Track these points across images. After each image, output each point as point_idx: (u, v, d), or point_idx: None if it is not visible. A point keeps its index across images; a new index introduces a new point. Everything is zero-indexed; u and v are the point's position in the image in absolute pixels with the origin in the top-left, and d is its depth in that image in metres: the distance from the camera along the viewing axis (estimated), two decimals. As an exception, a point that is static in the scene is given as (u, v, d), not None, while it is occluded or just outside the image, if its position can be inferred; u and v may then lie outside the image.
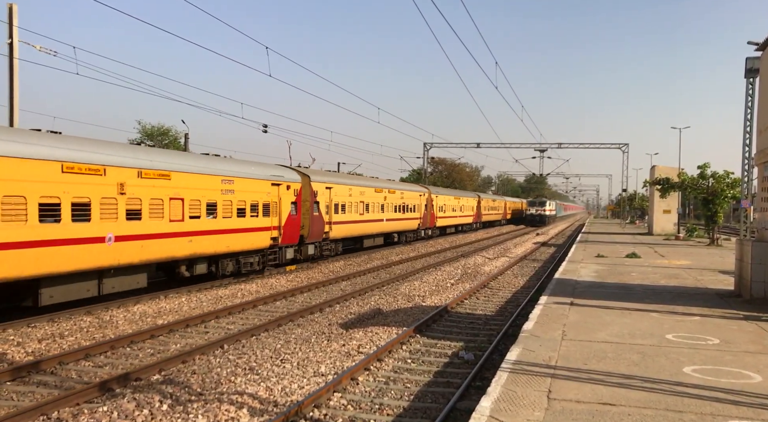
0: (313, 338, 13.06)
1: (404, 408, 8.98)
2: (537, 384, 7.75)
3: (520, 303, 18.11)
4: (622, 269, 22.51)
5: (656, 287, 17.61)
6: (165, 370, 10.45)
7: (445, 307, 16.73)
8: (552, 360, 8.96)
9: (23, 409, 8.08)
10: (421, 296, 19.20)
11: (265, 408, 8.67)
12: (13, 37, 16.28)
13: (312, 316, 15.65)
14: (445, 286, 21.76)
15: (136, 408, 8.38)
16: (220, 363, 10.86)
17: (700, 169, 38.64)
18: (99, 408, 8.34)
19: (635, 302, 14.49)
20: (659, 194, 43.20)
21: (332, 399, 9.15)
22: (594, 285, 17.71)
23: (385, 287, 21.12)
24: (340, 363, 11.08)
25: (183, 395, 9.02)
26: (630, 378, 8.10)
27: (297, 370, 10.54)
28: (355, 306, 17.09)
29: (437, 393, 9.67)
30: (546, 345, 9.96)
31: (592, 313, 12.99)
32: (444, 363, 11.57)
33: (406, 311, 16.40)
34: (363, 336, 13.27)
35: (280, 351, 11.84)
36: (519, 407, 6.89)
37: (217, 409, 8.35)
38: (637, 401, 7.13)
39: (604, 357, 9.22)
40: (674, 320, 12.40)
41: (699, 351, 9.70)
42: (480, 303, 18.67)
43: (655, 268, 23.07)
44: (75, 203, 14.26)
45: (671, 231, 49.91)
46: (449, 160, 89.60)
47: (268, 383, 9.71)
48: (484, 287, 21.82)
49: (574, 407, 6.91)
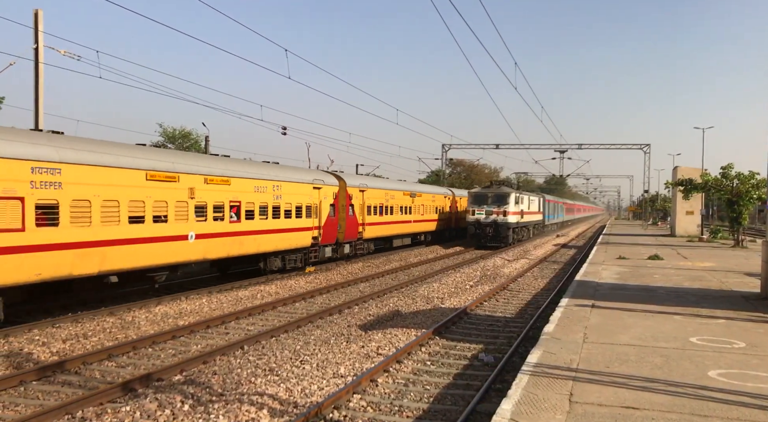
0: (333, 339, 13.08)
1: (424, 410, 8.95)
2: (558, 387, 7.68)
3: (540, 306, 17.96)
4: (644, 271, 22.22)
5: (679, 289, 17.35)
6: (186, 371, 10.54)
7: (465, 309, 16.66)
8: (573, 363, 8.87)
9: (49, 408, 8.21)
10: (439, 298, 19.14)
11: (285, 409, 8.70)
12: (39, 42, 16.58)
13: (331, 317, 15.68)
14: (464, 288, 21.67)
15: (158, 408, 8.47)
16: (241, 364, 10.93)
17: (723, 170, 38.01)
18: (122, 408, 8.44)
19: (658, 305, 14.28)
20: (682, 195, 42.57)
21: (352, 401, 9.15)
22: (616, 287, 17.50)
23: (403, 288, 21.09)
24: (360, 365, 11.08)
25: (204, 395, 9.09)
26: (653, 381, 7.99)
27: (316, 371, 10.56)
28: (374, 308, 17.09)
29: (457, 396, 9.62)
30: (567, 347, 9.86)
31: (614, 315, 12.84)
32: (464, 365, 11.51)
33: (425, 313, 16.36)
34: (382, 337, 13.26)
35: (300, 352, 11.88)
36: (540, 410, 6.82)
37: (237, 410, 8.40)
38: (661, 405, 7.02)
39: (626, 360, 9.10)
40: (698, 323, 12.20)
41: (724, 355, 9.53)
42: (500, 305, 18.55)
43: (678, 270, 22.72)
44: (155, 206, 16.13)
45: (694, 233, 49.15)
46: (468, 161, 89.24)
47: (287, 384, 9.75)
48: (503, 290, 21.68)
49: (596, 410, 6.82)
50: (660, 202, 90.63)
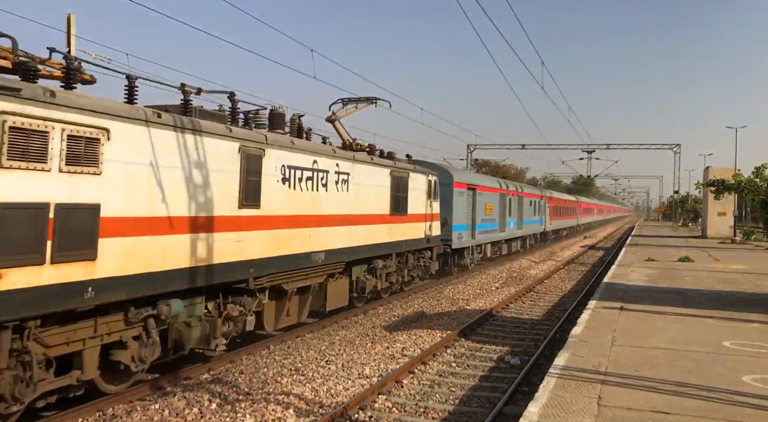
0: (357, 340, 13.10)
1: (449, 412, 8.90)
2: (586, 390, 7.57)
3: (567, 308, 17.74)
4: (674, 273, 21.79)
5: (711, 292, 16.97)
6: (213, 370, 10.66)
7: (490, 311, 16.54)
8: (602, 366, 8.73)
9: (80, 406, 8.36)
10: (465, 299, 19.03)
11: (311, 408, 8.74)
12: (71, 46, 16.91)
13: (355, 318, 15.71)
14: (489, 289, 21.52)
15: (186, 407, 8.58)
16: (267, 364, 11.01)
17: (756, 170, 37.11)
18: (151, 406, 8.57)
19: (689, 308, 13.99)
20: (713, 196, 41.65)
21: (377, 402, 9.15)
22: (645, 290, 17.19)
23: (428, 290, 21.03)
24: (385, 366, 11.07)
25: (231, 394, 9.17)
26: (685, 385, 7.82)
27: (342, 372, 10.59)
28: (399, 309, 17.07)
29: (483, 398, 9.56)
30: (595, 350, 9.71)
31: (643, 318, 12.61)
32: (489, 367, 11.43)
33: (450, 315, 16.29)
34: (407, 338, 13.24)
35: (325, 352, 11.92)
36: (568, 413, 6.73)
37: (264, 409, 8.47)
38: (693, 410, 6.87)
39: (656, 364, 8.92)
40: (731, 326, 11.92)
41: (759, 360, 9.29)
42: (526, 307, 18.38)
43: (710, 272, 22.23)
44: None
45: (727, 234, 48.02)
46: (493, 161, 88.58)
47: (313, 384, 9.79)
48: (530, 291, 21.47)
49: (625, 414, 6.71)
50: (690, 203, 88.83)
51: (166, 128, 8.92)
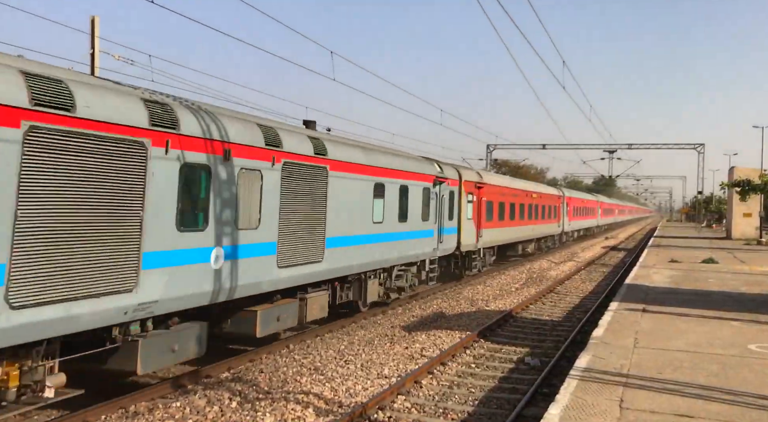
0: (376, 340, 13.10)
1: (469, 413, 8.86)
2: (608, 393, 7.48)
3: (588, 309, 17.55)
4: (698, 275, 21.44)
5: (736, 294, 16.66)
6: (234, 368, 10.73)
7: (510, 312, 16.43)
8: (624, 369, 8.62)
9: (103, 403, 8.48)
10: (484, 300, 18.93)
11: (330, 408, 8.76)
12: (95, 48, 17.19)
13: (374, 318, 15.71)
14: (509, 290, 21.38)
15: (207, 405, 8.65)
16: (286, 363, 11.06)
17: (783, 169, 36.40)
18: (172, 404, 8.66)
19: (713, 310, 13.76)
20: (739, 196, 40.94)
21: (396, 402, 9.14)
22: (668, 291, 16.95)
23: (447, 290, 20.96)
24: (404, 366, 11.06)
25: (251, 393, 9.23)
26: (709, 389, 7.69)
27: (361, 371, 10.59)
28: (418, 309, 17.03)
29: (503, 399, 9.49)
30: (617, 352, 9.59)
31: (666, 320, 12.43)
32: (509, 368, 11.35)
33: (470, 316, 16.21)
34: (426, 339, 13.20)
35: (344, 352, 11.94)
36: (590, 415, 6.66)
37: (283, 408, 8.50)
38: (718, 414, 6.75)
39: (680, 367, 8.79)
40: (757, 329, 11.69)
41: (786, 363, 9.09)
42: (546, 308, 18.22)
43: (735, 274, 21.84)
44: None
45: (752, 236, 47.16)
46: (513, 162, 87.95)
47: (332, 383, 9.81)
48: (550, 292, 21.29)
49: (648, 418, 6.61)
50: (715, 204, 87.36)
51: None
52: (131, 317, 7.95)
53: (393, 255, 15.59)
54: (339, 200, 12.82)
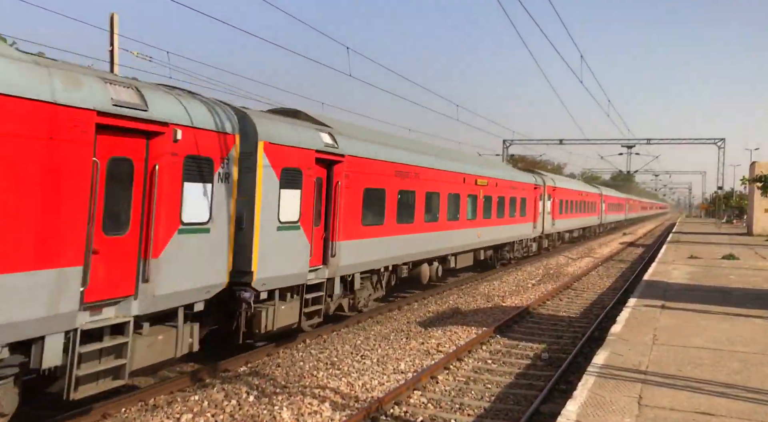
0: (392, 335, 13.11)
1: (485, 408, 8.84)
2: (626, 390, 7.41)
3: (606, 305, 17.40)
4: (718, 271, 21.16)
5: (758, 291, 16.42)
6: (251, 363, 10.81)
7: (526, 308, 16.35)
8: (642, 365, 8.54)
9: (123, 396, 8.59)
10: (500, 296, 18.85)
11: (346, 402, 8.79)
12: (114, 45, 17.34)
13: (390, 313, 15.72)
14: (525, 286, 21.26)
15: (225, 398, 8.72)
16: (303, 357, 11.11)
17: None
18: (191, 397, 8.74)
19: (734, 307, 13.57)
20: (760, 191, 40.25)
21: (412, 397, 9.14)
22: (687, 288, 16.74)
23: (463, 286, 20.90)
24: (420, 361, 11.06)
25: (268, 387, 9.29)
26: (730, 387, 7.59)
27: (377, 366, 10.61)
28: (434, 305, 17.01)
29: (519, 395, 9.45)
30: (636, 349, 9.50)
31: (685, 317, 12.28)
32: (526, 364, 11.30)
33: (486, 311, 16.16)
34: (442, 334, 13.19)
35: (360, 347, 11.97)
36: (608, 412, 6.60)
37: (300, 402, 8.55)
38: (740, 412, 6.66)
39: (700, 364, 8.68)
40: (779, 326, 11.50)
41: (809, 361, 8.94)
42: (563, 305, 18.10)
43: (756, 271, 21.51)
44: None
45: (774, 232, 46.38)
46: (530, 157, 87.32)
47: (348, 378, 9.84)
48: (567, 289, 21.15)
49: (667, 415, 6.54)
50: (735, 199, 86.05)
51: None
52: None
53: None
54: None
